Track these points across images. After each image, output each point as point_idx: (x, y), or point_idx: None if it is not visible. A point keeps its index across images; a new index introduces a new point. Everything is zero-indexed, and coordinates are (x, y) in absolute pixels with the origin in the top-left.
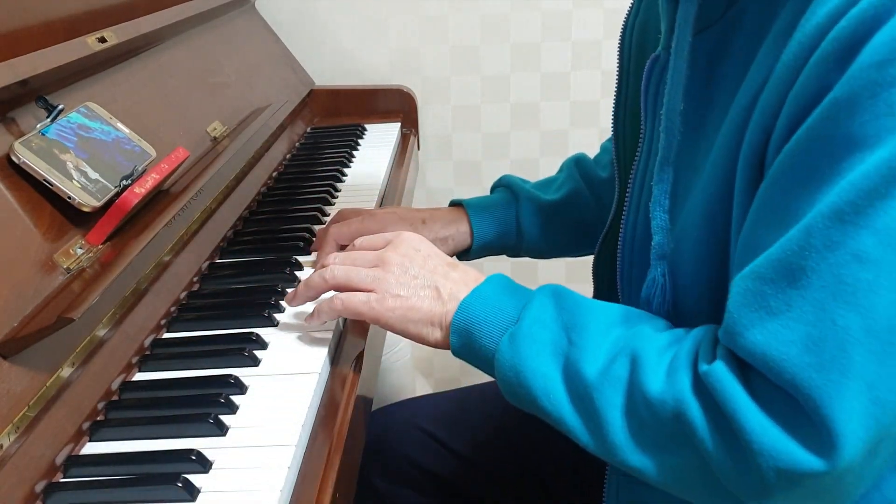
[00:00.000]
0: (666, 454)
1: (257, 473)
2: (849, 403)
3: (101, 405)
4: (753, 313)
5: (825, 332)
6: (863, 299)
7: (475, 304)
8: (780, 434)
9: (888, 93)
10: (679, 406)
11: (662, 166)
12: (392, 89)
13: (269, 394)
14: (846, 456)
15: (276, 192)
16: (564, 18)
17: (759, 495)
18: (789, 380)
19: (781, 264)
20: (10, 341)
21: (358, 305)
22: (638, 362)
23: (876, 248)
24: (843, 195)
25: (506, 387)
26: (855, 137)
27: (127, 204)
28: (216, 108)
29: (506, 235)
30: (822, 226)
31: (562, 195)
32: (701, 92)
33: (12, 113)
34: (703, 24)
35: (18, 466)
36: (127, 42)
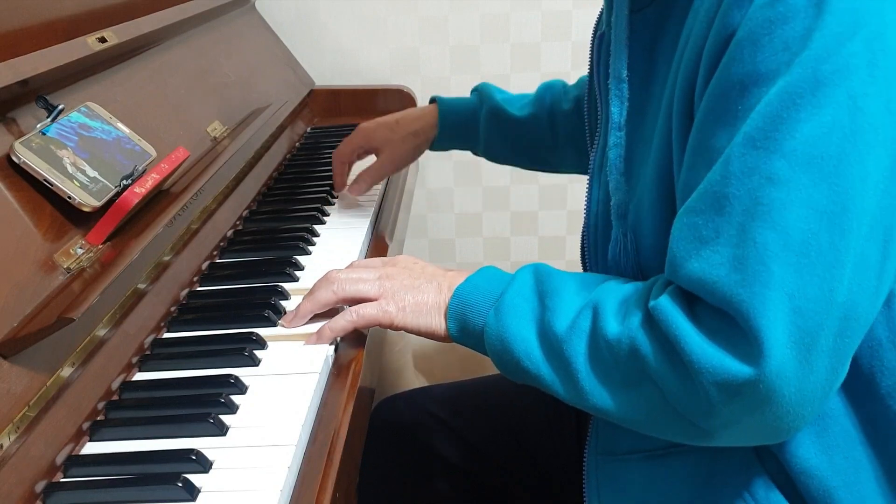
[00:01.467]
0: (629, 391)
1: (257, 473)
2: (772, 312)
3: (101, 405)
4: (690, 245)
5: (747, 251)
6: (777, 217)
7: (466, 289)
8: (717, 350)
9: (781, 29)
10: (633, 342)
11: (614, 132)
12: (392, 89)
13: (269, 394)
14: (773, 360)
15: (276, 192)
16: (564, 18)
17: (706, 414)
18: (721, 298)
19: (708, 195)
20: (10, 341)
21: (372, 312)
22: (598, 311)
23: (786, 170)
24: (752, 123)
25: (495, 357)
26: (759, 73)
27: (127, 204)
28: (216, 108)
29: (465, 135)
30: (738, 153)
31: (521, 115)
32: (644, 67)
33: (12, 113)
34: (640, 4)
35: (18, 466)
36: (127, 42)
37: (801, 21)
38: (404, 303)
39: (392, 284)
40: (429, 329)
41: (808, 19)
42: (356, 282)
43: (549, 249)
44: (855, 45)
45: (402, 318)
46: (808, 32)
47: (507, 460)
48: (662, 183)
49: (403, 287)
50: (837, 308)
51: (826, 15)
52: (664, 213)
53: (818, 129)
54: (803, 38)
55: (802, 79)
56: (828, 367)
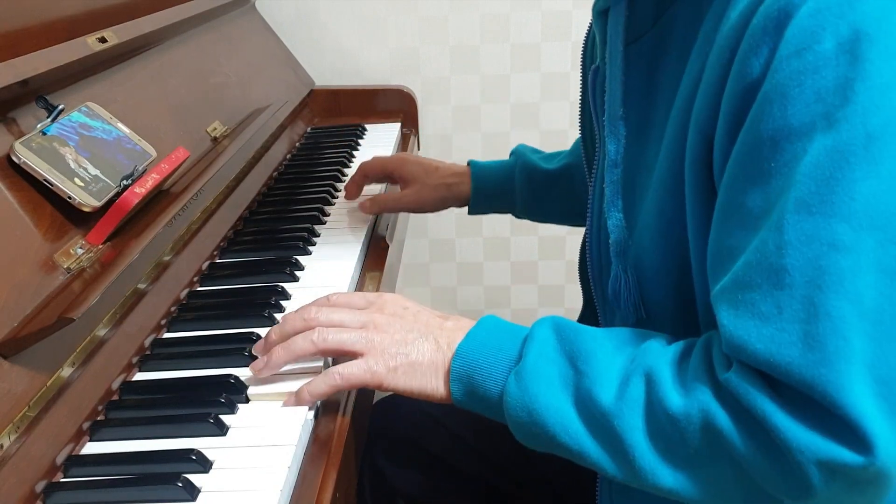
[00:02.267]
0: (699, 469)
1: (257, 473)
2: (858, 388)
3: (101, 405)
4: (748, 322)
5: (821, 326)
6: (849, 285)
7: (472, 348)
8: (811, 431)
9: (812, 80)
10: (706, 416)
11: (611, 168)
12: (392, 89)
13: (269, 393)
14: (882, 443)
15: (276, 192)
16: (564, 18)
17: (804, 493)
18: (800, 381)
19: (762, 267)
20: (10, 341)
21: (360, 375)
22: (653, 380)
23: (849, 234)
24: (804, 187)
25: (519, 428)
26: (791, 128)
27: (127, 204)
28: (216, 108)
29: (501, 196)
30: (792, 221)
31: (558, 167)
32: (643, 97)
33: (13, 113)
34: (635, 35)
35: (19, 466)
36: (127, 42)
37: (833, 70)
38: (395, 363)
39: (381, 339)
40: (423, 392)
41: (841, 67)
42: (339, 331)
43: (549, 249)
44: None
45: (392, 379)
46: (847, 83)
47: (508, 461)
48: (666, 221)
49: (395, 343)
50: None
51: (864, 63)
52: (665, 251)
53: (877, 186)
54: (841, 88)
55: (852, 135)
56: None
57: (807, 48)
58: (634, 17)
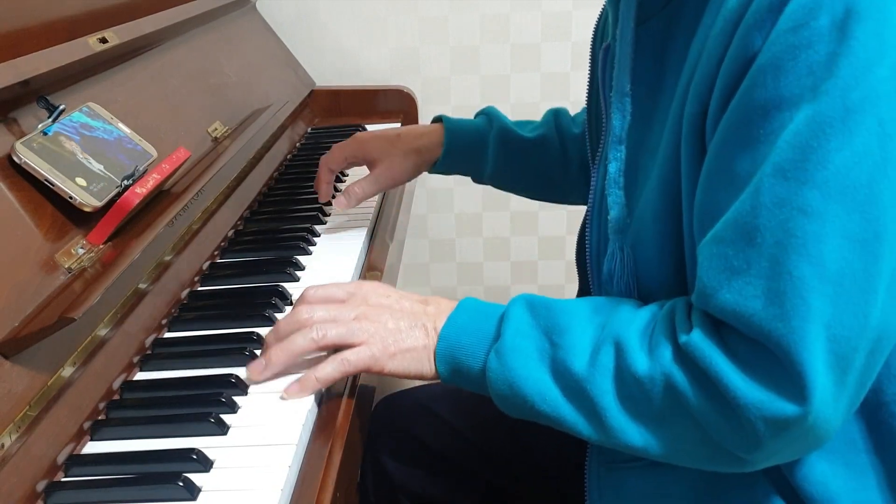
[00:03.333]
0: (664, 428)
1: (258, 472)
2: (811, 345)
3: (102, 404)
4: (720, 275)
5: (783, 284)
6: (812, 249)
7: (452, 331)
8: (760, 387)
9: (806, 54)
10: (667, 378)
11: (615, 145)
12: (392, 89)
13: (269, 393)
14: (817, 395)
15: (276, 192)
16: (564, 18)
17: (752, 447)
18: (759, 331)
19: (738, 225)
20: (11, 341)
21: (364, 360)
22: (621, 346)
23: (819, 201)
24: (782, 153)
25: (502, 401)
26: (783, 98)
27: (128, 204)
28: (217, 109)
29: (472, 156)
30: (768, 184)
31: (533, 136)
32: (651, 78)
33: (14, 113)
34: (646, 15)
35: (20, 465)
36: (128, 42)
37: (825, 45)
38: (393, 349)
39: (376, 329)
40: (418, 373)
41: (832, 44)
42: (336, 325)
43: (549, 249)
44: (883, 71)
45: (391, 364)
46: (834, 58)
47: (509, 460)
48: (667, 198)
49: (390, 332)
50: (871, 331)
51: (851, 40)
52: (666, 228)
53: (850, 158)
54: (828, 63)
55: (831, 107)
56: (857, 385)
57: (804, 24)
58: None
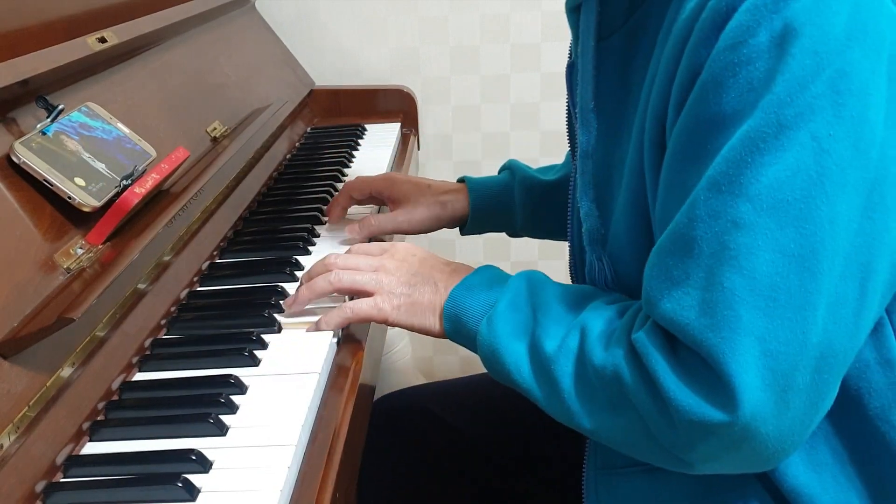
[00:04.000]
0: (613, 416)
1: (257, 473)
2: (742, 357)
3: (101, 405)
4: (662, 284)
5: (716, 296)
6: (744, 262)
7: (462, 293)
8: (690, 392)
9: (746, 70)
10: (616, 371)
11: (583, 159)
12: (392, 89)
13: (269, 394)
14: (746, 406)
15: (276, 192)
16: (564, 18)
17: (684, 448)
18: (693, 341)
19: (677, 237)
20: (10, 341)
21: (367, 310)
22: (586, 334)
23: (751, 214)
24: (717, 167)
25: (486, 363)
26: (724, 115)
27: (127, 204)
28: (216, 108)
29: (500, 211)
30: (703, 198)
31: (556, 178)
32: (617, 93)
33: (12, 113)
34: (607, 32)
35: (18, 466)
36: (127, 42)
37: (764, 62)
38: (399, 301)
39: (389, 280)
40: (423, 327)
41: (770, 60)
42: (353, 273)
43: (549, 250)
44: (818, 87)
45: (396, 315)
46: (771, 74)
47: (508, 460)
48: (637, 209)
49: (400, 283)
50: (812, 348)
51: (787, 57)
52: (640, 239)
53: (782, 172)
54: (766, 79)
55: (765, 123)
56: (806, 403)
57: (742, 42)
58: (606, 14)
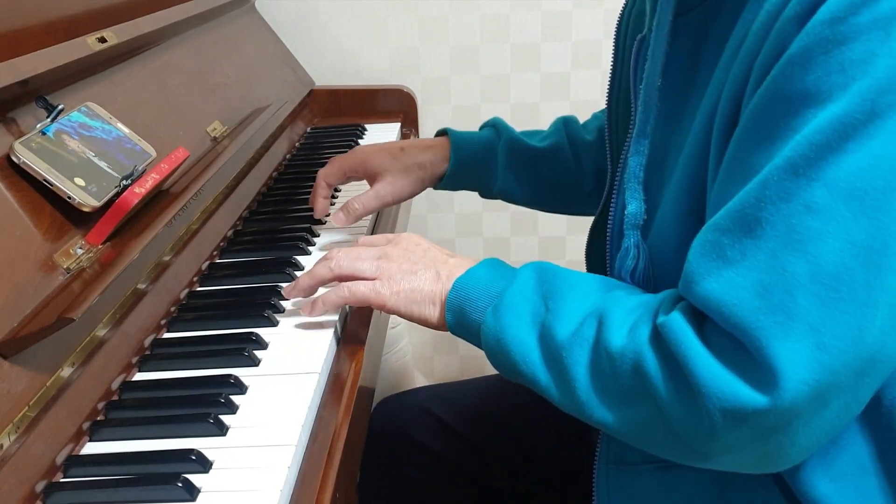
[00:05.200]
0: (627, 408)
1: (257, 473)
2: (792, 344)
3: (101, 405)
4: (711, 262)
5: (775, 279)
6: (811, 247)
7: (467, 282)
8: (727, 375)
9: (839, 50)
10: (637, 357)
11: (638, 139)
12: (392, 89)
13: (269, 394)
14: (787, 393)
15: (276, 192)
16: (564, 18)
17: (707, 438)
18: (738, 323)
19: (739, 215)
20: (10, 341)
21: (364, 292)
22: (604, 321)
23: (826, 199)
24: (798, 149)
25: (490, 355)
26: (809, 93)
27: (127, 204)
28: (216, 108)
29: (481, 170)
30: (777, 178)
31: (544, 146)
32: (685, 72)
33: (12, 113)
34: (685, 8)
35: (18, 466)
36: (127, 42)
37: (863, 44)
38: (399, 287)
39: (390, 266)
40: (421, 317)
41: (871, 42)
42: (354, 259)
43: (549, 249)
44: None
45: (394, 301)
46: (871, 58)
47: (508, 462)
48: (691, 198)
49: (401, 271)
50: (865, 349)
51: (893, 42)
52: (689, 228)
53: (865, 160)
54: (864, 62)
55: (859, 109)
56: (842, 406)
57: (842, 18)
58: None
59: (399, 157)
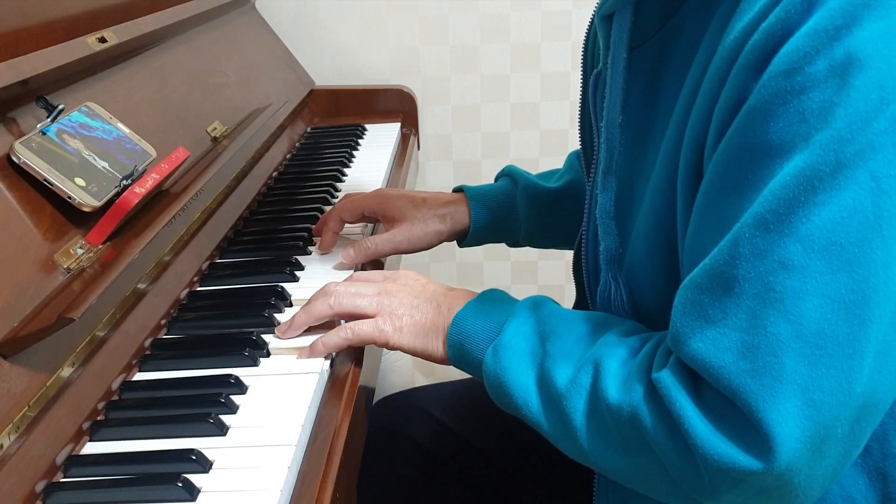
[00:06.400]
0: (629, 456)
1: (257, 473)
2: (783, 406)
3: (101, 405)
4: (694, 321)
5: (758, 339)
6: (791, 306)
7: (466, 317)
8: (721, 439)
9: (798, 100)
10: (634, 412)
11: (605, 175)
12: (392, 89)
13: (269, 394)
14: (783, 455)
15: (276, 192)
16: (564, 18)
17: (709, 495)
18: (727, 385)
19: (715, 273)
20: (10, 341)
21: (368, 331)
22: (600, 370)
23: (801, 256)
24: (766, 204)
25: (492, 394)
26: (772, 144)
27: (127, 204)
28: (216, 108)
29: (503, 221)
30: (748, 235)
31: (560, 185)
32: (644, 104)
33: (12, 113)
34: (640, 40)
35: (19, 466)
36: (127, 42)
37: (821, 92)
38: (402, 322)
39: (391, 302)
40: (425, 351)
41: (829, 91)
42: (353, 296)
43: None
44: (881, 124)
45: (398, 338)
46: (830, 107)
47: (507, 462)
48: (660, 231)
49: (402, 305)
50: (856, 398)
51: (850, 90)
52: (660, 261)
53: (837, 213)
54: (823, 111)
55: (822, 160)
56: (841, 452)
57: (798, 69)
58: (640, 21)
59: (420, 206)
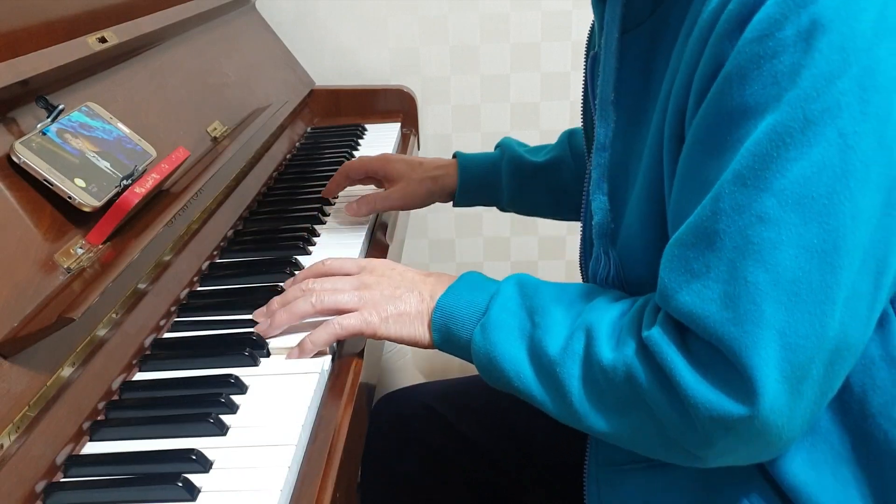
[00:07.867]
0: (624, 416)
1: (257, 473)
2: (763, 350)
3: (101, 405)
4: (681, 276)
5: (739, 289)
6: (768, 256)
7: (449, 301)
8: (710, 387)
9: (770, 63)
10: (628, 370)
11: (599, 151)
12: (392, 89)
13: (269, 394)
14: (767, 399)
15: (276, 192)
16: (564, 18)
17: (702, 444)
18: (713, 334)
19: (699, 229)
20: (10, 341)
21: (356, 324)
22: (592, 335)
23: (776, 210)
24: (743, 161)
25: (483, 372)
26: (747, 106)
27: (127, 204)
28: (216, 108)
29: (488, 186)
30: (728, 191)
31: (545, 160)
32: (638, 85)
33: (13, 113)
34: (632, 24)
35: (19, 466)
36: (127, 42)
37: (789, 56)
38: (386, 313)
39: (372, 295)
40: (412, 338)
41: (796, 55)
42: (334, 292)
43: (549, 250)
44: (845, 83)
45: (384, 328)
46: (797, 69)
47: (507, 458)
48: (653, 203)
49: (384, 297)
50: (829, 341)
51: (815, 52)
52: (653, 235)
53: (808, 168)
54: (791, 73)
55: (791, 118)
56: (817, 394)
57: (769, 34)
58: (631, 6)
59: (416, 168)
